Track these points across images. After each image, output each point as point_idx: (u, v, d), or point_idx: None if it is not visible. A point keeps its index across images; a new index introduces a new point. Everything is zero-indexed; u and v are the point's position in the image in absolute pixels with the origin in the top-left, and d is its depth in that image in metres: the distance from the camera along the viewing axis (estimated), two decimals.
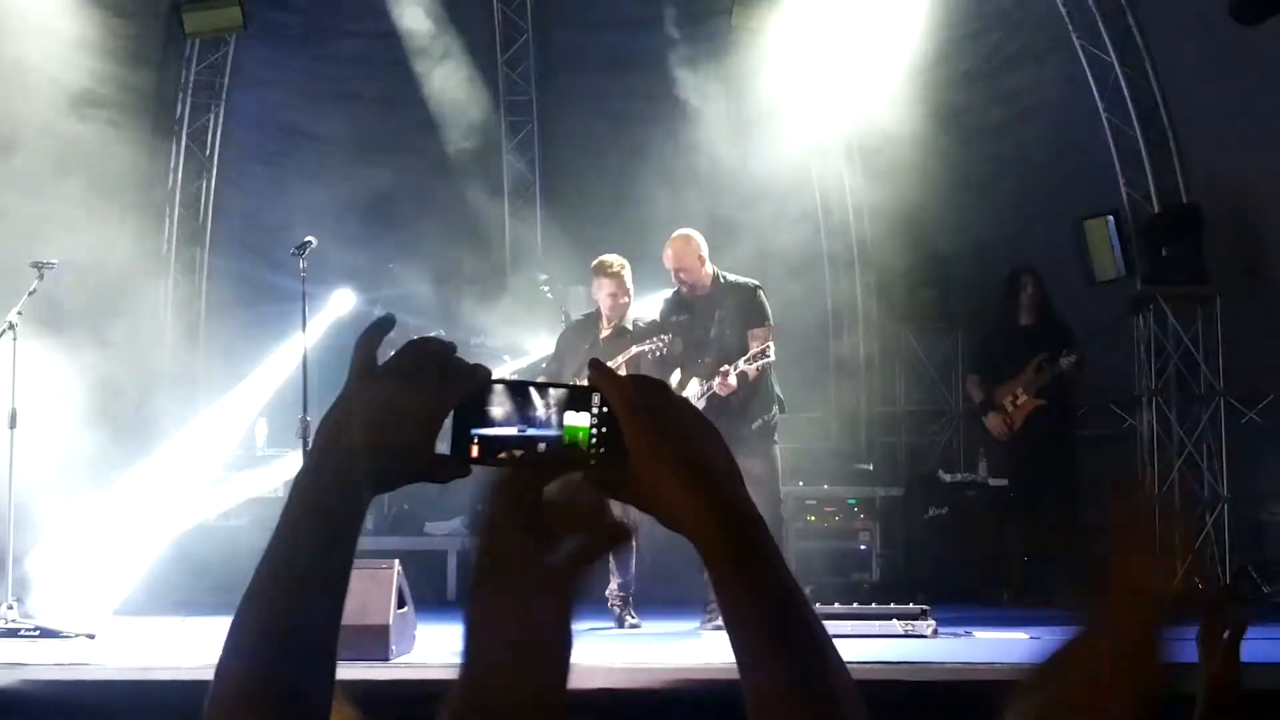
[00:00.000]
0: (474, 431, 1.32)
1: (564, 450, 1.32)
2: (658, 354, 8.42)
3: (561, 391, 1.34)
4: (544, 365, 9.49)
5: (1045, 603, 10.05)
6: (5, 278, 8.49)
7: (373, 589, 6.52)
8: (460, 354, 1.35)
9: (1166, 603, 1.21)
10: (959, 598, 9.90)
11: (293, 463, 9.22)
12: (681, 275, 8.63)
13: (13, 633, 7.46)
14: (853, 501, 10.94)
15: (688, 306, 8.69)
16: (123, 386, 9.88)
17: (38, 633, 7.51)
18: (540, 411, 1.33)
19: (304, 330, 8.47)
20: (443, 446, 1.33)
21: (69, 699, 5.85)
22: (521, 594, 1.18)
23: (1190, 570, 1.24)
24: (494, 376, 1.34)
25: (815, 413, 11.62)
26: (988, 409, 10.71)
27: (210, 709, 1.29)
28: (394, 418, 1.30)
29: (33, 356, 8.23)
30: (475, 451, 1.33)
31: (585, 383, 1.34)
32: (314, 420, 8.31)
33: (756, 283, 8.72)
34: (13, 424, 7.93)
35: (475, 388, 1.33)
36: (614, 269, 8.67)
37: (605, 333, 8.72)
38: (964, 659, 6.78)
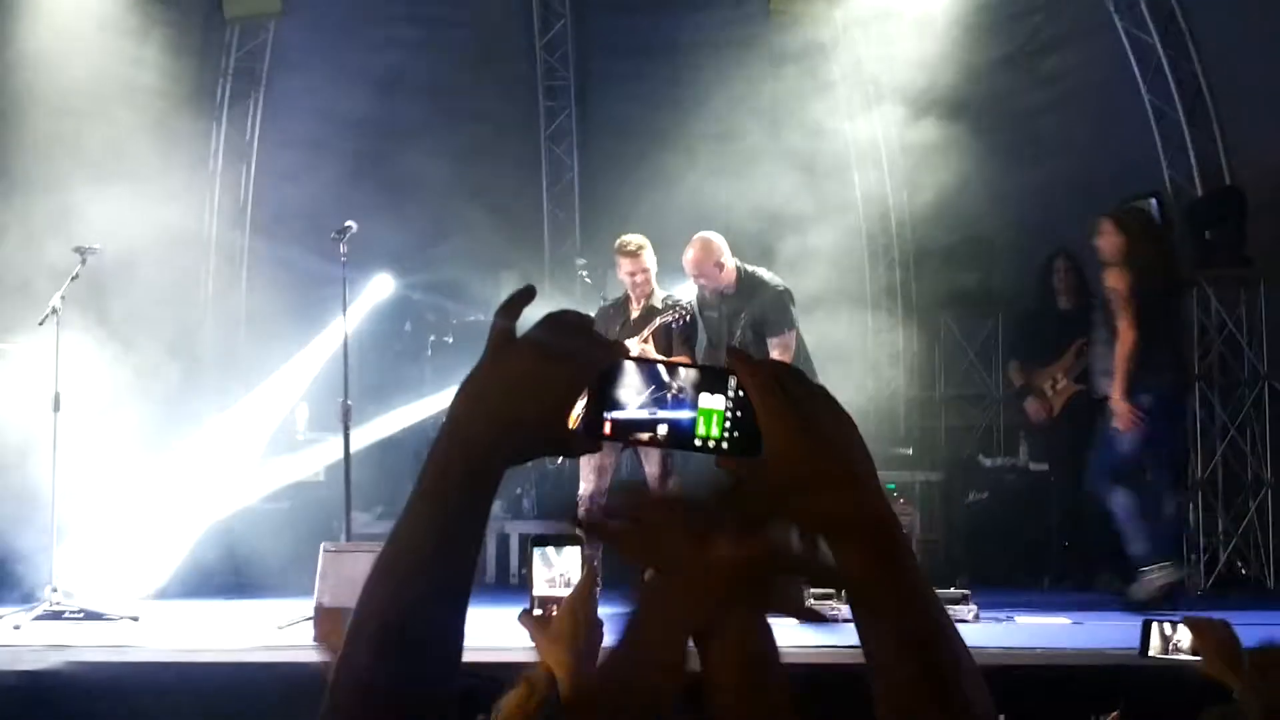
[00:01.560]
0: (609, 408, 1.31)
1: (696, 434, 1.31)
2: (680, 323, 8.41)
3: (697, 373, 1.32)
4: None
5: (1085, 587, 10.03)
6: (48, 262, 8.56)
7: None
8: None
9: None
10: (999, 582, 9.88)
11: (333, 446, 9.25)
12: (701, 281, 8.62)
13: (57, 615, 7.53)
14: (892, 486, 10.90)
15: (714, 305, 8.66)
16: (165, 371, 9.94)
17: (82, 615, 7.58)
18: (674, 392, 1.32)
19: (344, 314, 8.50)
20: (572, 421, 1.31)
21: (113, 681, 5.90)
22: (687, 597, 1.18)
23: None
24: (630, 355, 1.33)
25: (854, 398, 11.59)
26: (1027, 393, 10.67)
27: (330, 698, 1.25)
28: (533, 389, 1.27)
29: (75, 341, 8.29)
30: (608, 429, 1.31)
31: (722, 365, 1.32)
32: (354, 404, 8.39)
33: (781, 286, 8.60)
34: (56, 407, 8.00)
35: (612, 364, 1.31)
36: (630, 248, 8.63)
37: (635, 313, 8.70)
38: (1006, 643, 6.76)
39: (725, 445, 1.30)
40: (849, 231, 11.71)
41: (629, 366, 1.32)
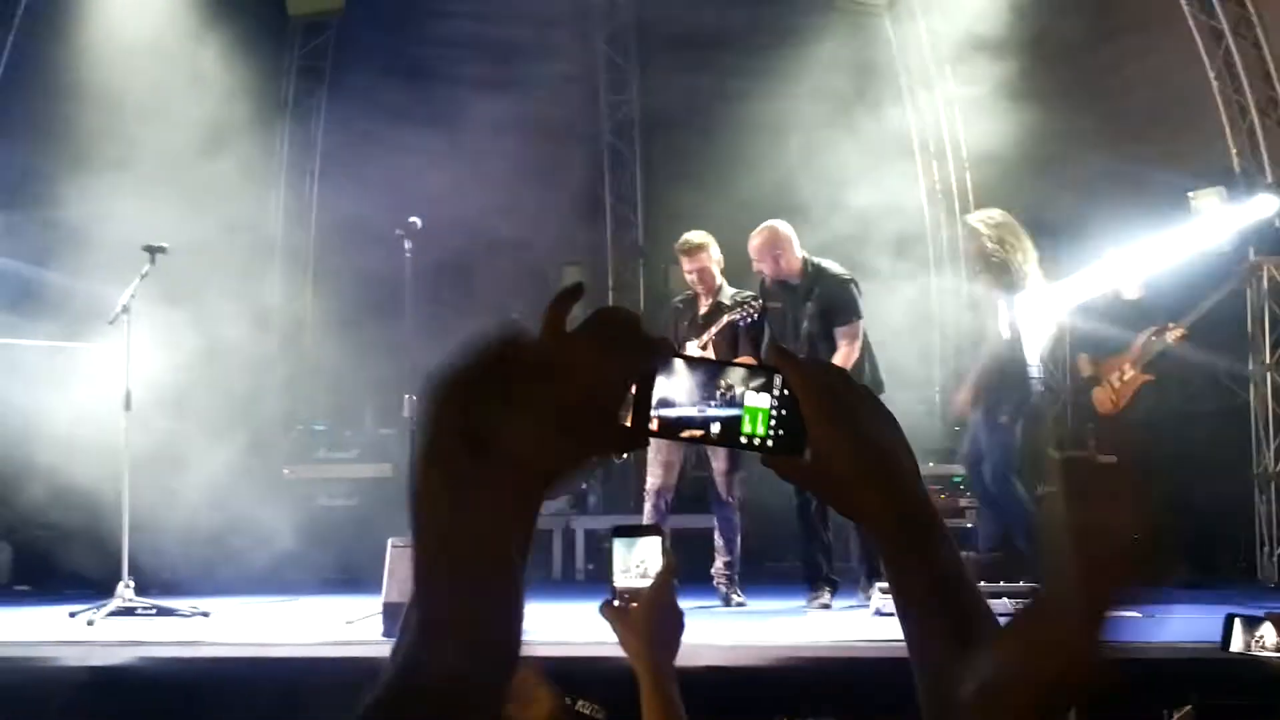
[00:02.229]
0: (656, 405, 1.32)
1: (742, 431, 1.33)
2: (748, 321, 8.40)
3: (743, 372, 1.34)
4: None
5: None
6: (120, 260, 8.64)
7: None
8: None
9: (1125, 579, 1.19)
10: None
11: (400, 441, 9.31)
12: (764, 269, 8.58)
13: (130, 610, 7.61)
14: (958, 480, 10.84)
15: (779, 295, 8.63)
16: (232, 368, 10.02)
17: (154, 611, 7.66)
18: (720, 389, 1.34)
19: (407, 309, 8.54)
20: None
21: (184, 676, 5.96)
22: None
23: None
24: (678, 352, 1.34)
25: (920, 389, 11.53)
26: (1095, 384, 10.58)
27: (384, 688, 1.24)
28: (583, 384, 1.27)
29: (145, 339, 8.37)
30: (655, 425, 1.33)
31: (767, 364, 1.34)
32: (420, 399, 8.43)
33: (847, 275, 8.56)
34: (127, 406, 8.08)
35: (660, 361, 1.32)
36: (688, 246, 8.64)
37: (703, 309, 8.71)
38: None
39: (770, 443, 1.32)
40: (913, 218, 11.66)
41: (677, 364, 1.33)
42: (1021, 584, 7.77)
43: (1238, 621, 3.25)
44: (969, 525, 10.72)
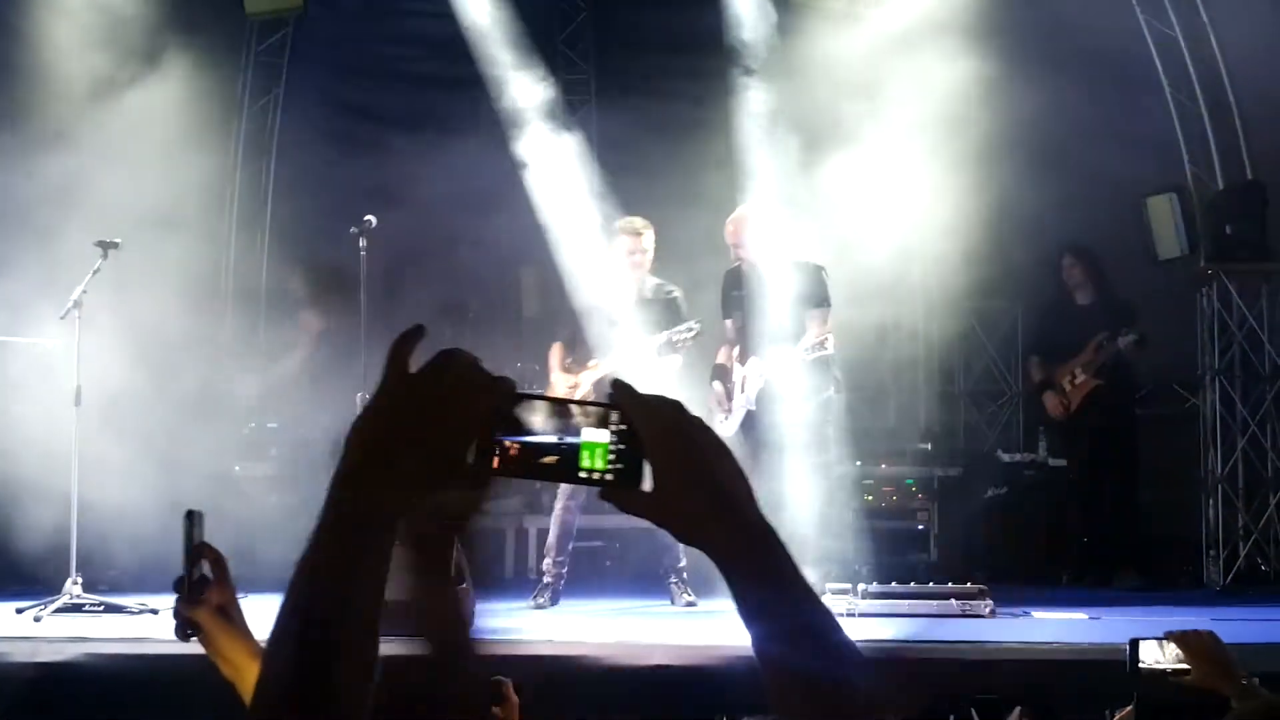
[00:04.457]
0: (497, 444, 1.35)
1: (580, 466, 1.36)
2: (685, 343, 8.47)
3: (580, 408, 1.37)
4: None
5: (1104, 583, 10.01)
6: (69, 256, 8.59)
7: None
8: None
9: None
10: (1017, 578, 9.86)
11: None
12: (741, 251, 8.66)
13: (77, 607, 7.57)
14: (911, 482, 10.89)
15: (747, 283, 8.70)
16: (185, 365, 9.96)
17: (102, 608, 7.62)
18: (562, 426, 1.37)
19: (363, 309, 8.52)
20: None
21: (132, 672, 5.93)
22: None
23: None
24: (518, 391, 1.37)
25: (873, 392, 11.57)
26: (1046, 389, 10.65)
27: (254, 701, 1.33)
28: (426, 425, 1.33)
29: (97, 335, 8.32)
30: (496, 463, 1.35)
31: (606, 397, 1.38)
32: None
33: (817, 264, 8.72)
34: (77, 401, 8.03)
35: (500, 401, 1.35)
36: (636, 227, 8.84)
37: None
38: (1022, 639, 6.75)
39: (609, 476, 1.36)
40: (867, 227, 11.67)
41: (518, 403, 1.37)
42: (969, 585, 7.83)
43: (1142, 645, 3.30)
44: (920, 527, 10.78)
